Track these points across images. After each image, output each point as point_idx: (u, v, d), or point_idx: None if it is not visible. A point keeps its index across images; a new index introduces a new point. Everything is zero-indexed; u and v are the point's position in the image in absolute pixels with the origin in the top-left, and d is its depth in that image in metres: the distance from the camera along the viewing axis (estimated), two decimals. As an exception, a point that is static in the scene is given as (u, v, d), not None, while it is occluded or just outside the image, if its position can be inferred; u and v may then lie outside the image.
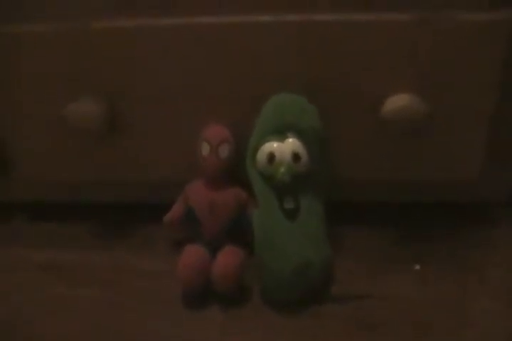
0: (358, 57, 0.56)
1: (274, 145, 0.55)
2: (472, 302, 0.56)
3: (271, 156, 0.54)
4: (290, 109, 0.56)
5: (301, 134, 0.55)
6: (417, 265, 0.61)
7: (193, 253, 0.57)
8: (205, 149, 0.58)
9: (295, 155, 0.54)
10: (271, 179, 0.55)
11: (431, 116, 0.56)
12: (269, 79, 0.58)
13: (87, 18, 0.57)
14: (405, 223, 0.67)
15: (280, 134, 0.55)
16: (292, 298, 0.56)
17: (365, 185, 0.64)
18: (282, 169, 0.54)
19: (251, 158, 0.57)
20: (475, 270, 0.60)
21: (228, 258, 0.57)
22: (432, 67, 0.56)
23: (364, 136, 0.60)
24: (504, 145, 0.61)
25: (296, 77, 0.57)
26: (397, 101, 0.55)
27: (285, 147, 0.55)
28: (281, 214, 0.55)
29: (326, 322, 0.55)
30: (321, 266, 0.56)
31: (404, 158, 0.61)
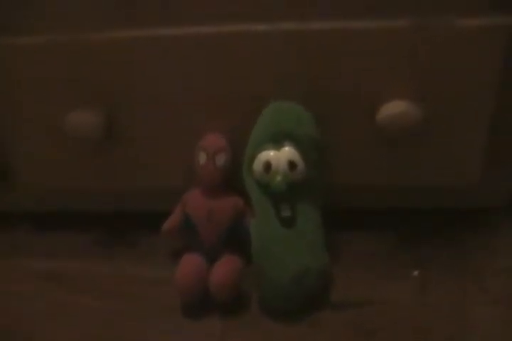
0: (356, 62, 0.56)
1: (270, 154, 0.55)
2: (472, 308, 0.56)
3: (267, 165, 0.54)
4: (287, 118, 0.56)
5: (297, 142, 0.55)
6: (416, 271, 0.61)
7: (191, 262, 0.58)
8: (202, 158, 0.58)
9: (291, 164, 0.54)
10: (267, 187, 0.55)
11: (427, 122, 0.56)
12: (267, 87, 0.58)
13: (87, 27, 0.58)
14: (405, 229, 0.67)
15: (276, 143, 0.55)
16: (291, 305, 0.56)
17: (364, 191, 0.64)
18: (278, 177, 0.54)
19: (247, 167, 0.57)
20: (474, 276, 0.60)
21: (226, 266, 0.57)
22: (430, 72, 0.55)
23: (362, 142, 0.60)
24: (503, 151, 0.61)
25: (295, 85, 0.57)
26: (392, 108, 0.55)
27: (281, 155, 0.54)
28: (278, 222, 0.55)
29: (325, 329, 0.55)
30: (319, 273, 0.56)
31: (404, 164, 0.61)
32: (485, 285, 0.59)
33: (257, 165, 0.55)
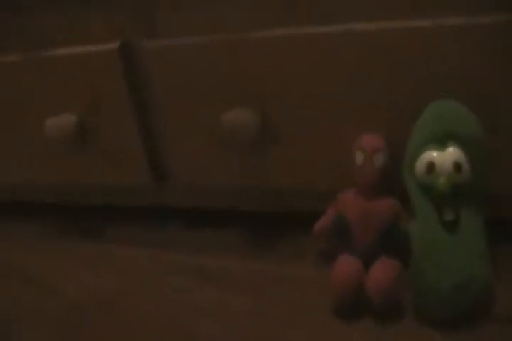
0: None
1: (433, 154, 0.52)
2: None
3: (430, 166, 0.52)
4: (450, 117, 0.53)
5: (462, 143, 0.52)
6: None
7: (348, 263, 0.56)
8: (360, 158, 0.57)
9: (457, 165, 0.52)
10: (430, 189, 0.53)
11: None
12: (427, 87, 0.55)
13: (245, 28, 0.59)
14: None
15: (440, 143, 0.53)
16: (449, 314, 0.53)
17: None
18: (442, 179, 0.52)
19: (409, 168, 0.55)
20: None
21: (384, 270, 0.55)
22: None
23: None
24: None
25: (459, 84, 0.55)
26: None
27: (446, 156, 0.52)
28: (441, 226, 0.53)
29: (487, 343, 0.52)
30: (482, 282, 0.52)
31: None
32: None
33: (420, 165, 0.53)
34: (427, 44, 0.54)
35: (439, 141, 0.53)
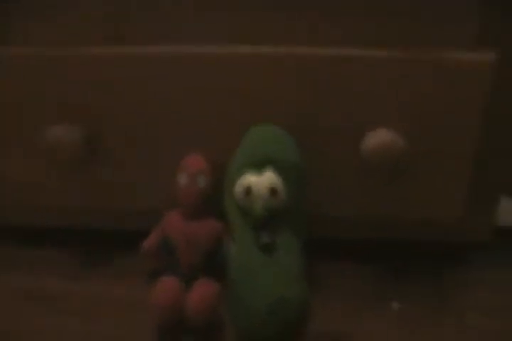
0: (341, 92, 0.55)
1: (251, 179, 0.53)
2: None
3: (247, 190, 0.53)
4: (269, 142, 0.55)
5: (278, 168, 0.54)
6: (396, 304, 0.59)
7: (167, 285, 0.56)
8: (183, 179, 0.57)
9: (272, 190, 0.53)
10: (247, 212, 0.54)
11: (412, 155, 0.55)
12: (252, 112, 0.57)
13: (71, 44, 0.57)
14: (385, 261, 0.66)
15: (258, 167, 0.54)
16: (266, 335, 0.54)
17: (345, 222, 0.63)
18: (259, 203, 0.53)
19: (228, 190, 0.55)
20: (452, 312, 0.59)
21: (202, 291, 0.55)
22: (416, 105, 0.55)
23: (345, 173, 0.59)
24: (485, 186, 0.60)
25: (280, 111, 0.57)
26: (377, 137, 0.54)
27: (262, 181, 0.53)
28: (257, 249, 0.54)
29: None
30: (296, 303, 0.54)
31: (387, 197, 0.60)
32: (462, 322, 0.57)
33: (238, 189, 0.54)
34: (250, 70, 0.55)
35: (257, 165, 0.54)
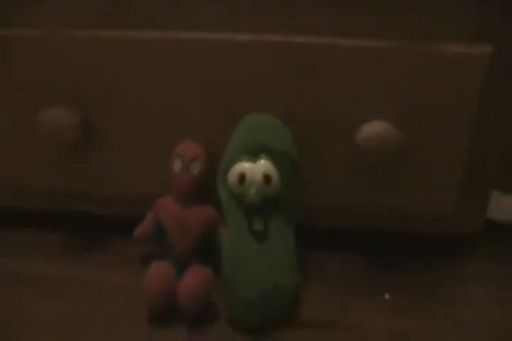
0: (335, 82, 0.55)
1: (245, 166, 0.54)
2: (438, 337, 0.55)
3: (242, 177, 0.53)
4: (263, 130, 0.55)
5: (273, 156, 0.54)
6: (388, 294, 0.60)
7: (159, 270, 0.56)
8: (177, 165, 0.57)
9: (266, 177, 0.53)
10: (241, 199, 0.54)
11: (405, 148, 0.56)
12: (246, 100, 0.57)
13: (70, 26, 0.57)
14: (378, 252, 0.66)
15: (252, 155, 0.54)
16: (257, 320, 0.55)
17: (339, 212, 0.63)
18: (252, 190, 0.53)
19: (222, 177, 0.56)
20: (443, 303, 0.59)
21: (195, 276, 0.55)
22: (411, 97, 0.55)
23: (339, 163, 0.59)
24: (477, 180, 0.60)
25: (273, 101, 0.56)
26: (372, 128, 0.54)
27: (256, 168, 0.53)
28: (250, 235, 0.54)
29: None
30: (288, 290, 0.55)
31: (380, 188, 0.60)
32: (453, 313, 0.58)
33: (232, 176, 0.54)
34: (246, 59, 0.55)
35: (251, 153, 0.54)
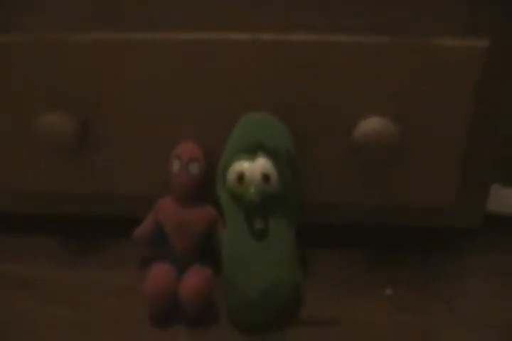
0: (332, 79, 0.55)
1: (244, 165, 0.54)
2: (438, 329, 0.56)
3: (240, 176, 0.53)
4: (261, 129, 0.55)
5: (271, 155, 0.54)
6: (389, 289, 0.60)
7: (160, 271, 0.56)
8: (176, 166, 0.57)
9: (265, 176, 0.53)
10: (240, 198, 0.54)
11: (403, 143, 0.56)
12: (242, 99, 0.57)
13: (65, 30, 0.57)
14: (378, 247, 0.67)
15: (250, 154, 0.54)
16: (259, 320, 0.55)
17: (339, 209, 0.63)
18: (252, 189, 0.53)
19: (221, 177, 0.56)
20: (443, 298, 0.59)
21: (196, 277, 0.56)
22: (408, 92, 0.55)
23: (337, 160, 0.59)
24: (477, 174, 0.60)
25: (270, 98, 0.56)
26: (369, 124, 0.54)
27: (255, 167, 0.53)
28: (250, 234, 0.54)
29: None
30: (289, 288, 0.55)
31: (379, 184, 0.60)
32: (452, 308, 0.58)
33: (231, 175, 0.54)
34: (242, 59, 0.55)
35: (250, 151, 0.54)
